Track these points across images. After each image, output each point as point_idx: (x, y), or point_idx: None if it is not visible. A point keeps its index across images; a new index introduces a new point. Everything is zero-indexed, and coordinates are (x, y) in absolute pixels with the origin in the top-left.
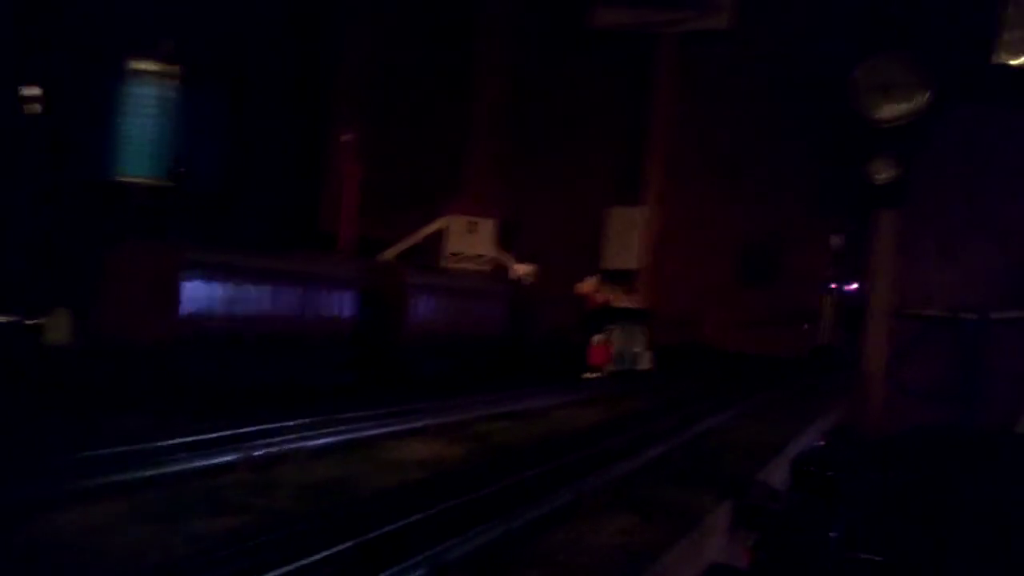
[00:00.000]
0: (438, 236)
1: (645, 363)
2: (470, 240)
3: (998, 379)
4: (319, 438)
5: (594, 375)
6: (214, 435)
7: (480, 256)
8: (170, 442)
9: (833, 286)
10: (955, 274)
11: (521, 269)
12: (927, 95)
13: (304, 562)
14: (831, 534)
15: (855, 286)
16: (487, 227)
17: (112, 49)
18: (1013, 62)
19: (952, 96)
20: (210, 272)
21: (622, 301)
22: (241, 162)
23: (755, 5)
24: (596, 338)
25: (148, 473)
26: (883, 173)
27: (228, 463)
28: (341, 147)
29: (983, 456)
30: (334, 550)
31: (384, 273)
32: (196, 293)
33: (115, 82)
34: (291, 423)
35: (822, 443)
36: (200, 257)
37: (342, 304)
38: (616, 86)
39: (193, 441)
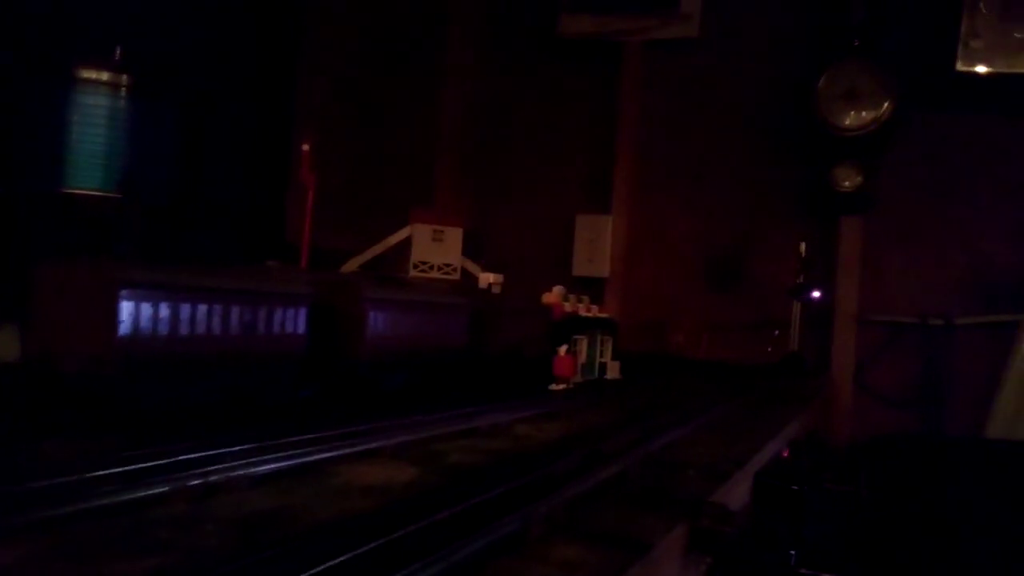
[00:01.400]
0: (404, 245)
1: (612, 373)
2: (436, 249)
3: (965, 384)
4: (261, 465)
5: (560, 386)
6: (147, 464)
7: (447, 265)
8: (99, 473)
9: (800, 293)
10: (921, 280)
11: (488, 278)
12: (890, 103)
13: None
14: (791, 552)
15: (818, 294)
16: (454, 236)
17: (60, 57)
18: (975, 70)
19: (916, 104)
20: (151, 291)
21: (589, 311)
22: (197, 173)
23: (721, 14)
24: (562, 349)
25: (73, 508)
26: (848, 181)
27: (160, 495)
28: (301, 157)
29: (951, 463)
30: None
31: (340, 288)
32: (135, 312)
33: (63, 91)
34: (232, 449)
35: (786, 454)
36: (140, 275)
37: (295, 322)
38: (583, 94)
39: (124, 472)
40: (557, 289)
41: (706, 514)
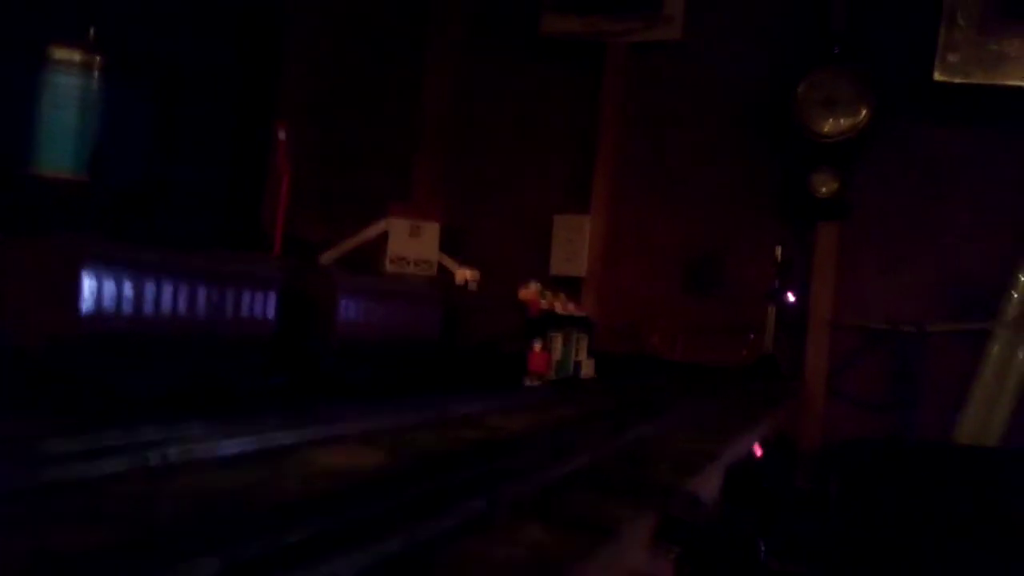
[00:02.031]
0: (380, 239)
1: (587, 371)
2: (413, 244)
3: (935, 390)
4: (225, 446)
5: (534, 382)
6: (106, 441)
7: (423, 260)
8: (52, 450)
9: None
10: (894, 287)
11: (465, 274)
12: (868, 111)
13: None
14: (760, 544)
15: (793, 297)
16: (431, 231)
17: (30, 36)
18: (953, 80)
19: (894, 112)
20: (114, 268)
21: (565, 308)
22: (170, 158)
23: (703, 18)
24: (537, 345)
25: (22, 484)
26: (825, 187)
27: (117, 473)
28: (276, 144)
29: (920, 466)
30: (196, 566)
31: (311, 274)
32: (98, 290)
33: (31, 71)
34: (195, 430)
35: (758, 452)
36: (103, 252)
37: (264, 306)
38: (565, 94)
39: (79, 450)
40: (533, 285)
41: (675, 503)
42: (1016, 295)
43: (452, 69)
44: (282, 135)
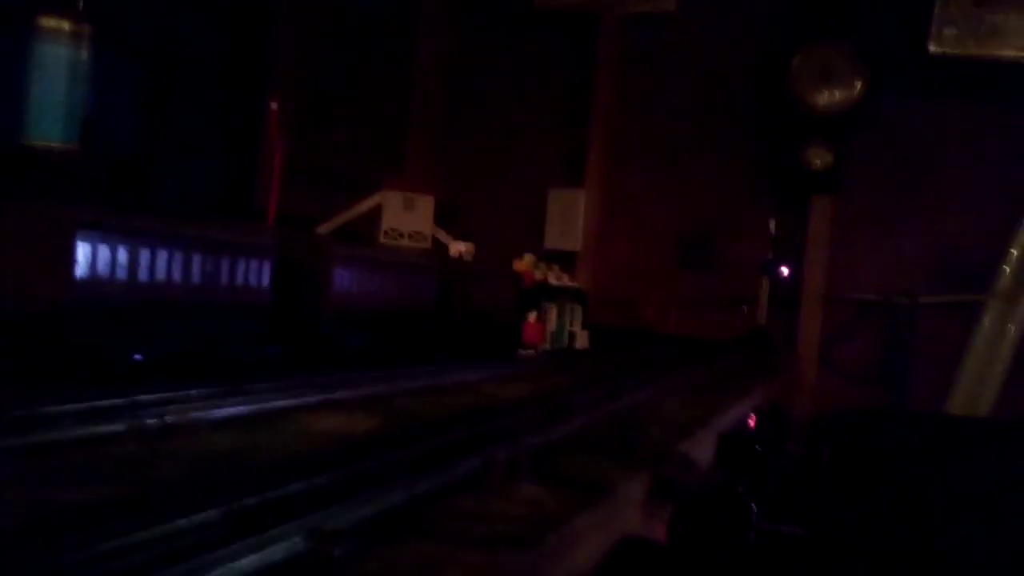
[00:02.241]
0: (374, 213)
1: (581, 342)
2: (407, 217)
3: (926, 362)
4: (222, 409)
5: (529, 353)
6: (103, 403)
7: (417, 233)
8: (50, 409)
9: (770, 270)
10: (887, 259)
11: (459, 247)
12: (863, 84)
13: (153, 532)
14: (752, 507)
15: (787, 271)
16: (425, 204)
17: (20, 5)
18: (948, 52)
19: (889, 85)
20: (108, 234)
21: (559, 279)
22: (162, 129)
23: None
24: (531, 316)
25: (20, 441)
26: (819, 160)
27: (116, 433)
28: (270, 117)
29: (909, 435)
30: (197, 518)
31: (305, 243)
32: (92, 256)
33: (22, 40)
34: (192, 392)
35: (751, 420)
36: (97, 218)
37: (259, 274)
38: (559, 68)
39: (78, 409)
40: (528, 257)
41: (669, 464)
42: (1007, 268)
43: (445, 43)
44: (274, 107)
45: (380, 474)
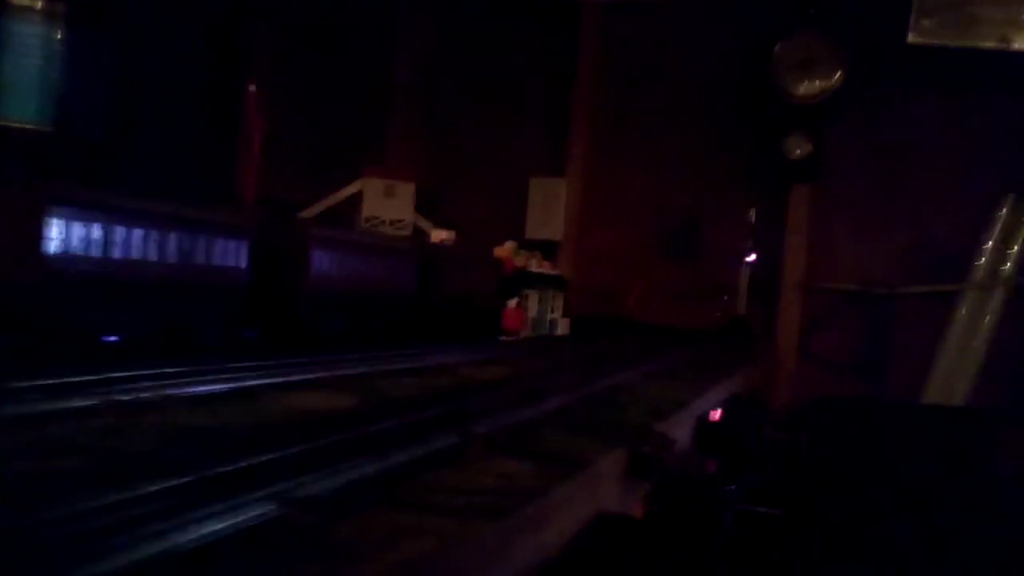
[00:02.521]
0: (355, 200)
1: (562, 329)
2: (388, 204)
3: (904, 351)
4: (198, 386)
5: (508, 339)
6: (75, 379)
7: (398, 221)
8: (19, 384)
9: (749, 259)
10: (865, 249)
11: (440, 235)
12: (842, 73)
13: (121, 496)
14: (729, 488)
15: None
16: (406, 191)
17: None
18: (927, 42)
19: (867, 75)
20: (79, 211)
21: (540, 267)
22: (139, 112)
23: None
24: (512, 302)
25: None
26: (799, 149)
27: (89, 407)
28: (248, 99)
29: (887, 424)
30: (166, 484)
31: (284, 224)
32: (63, 232)
33: None
34: (168, 370)
35: (730, 405)
36: (67, 194)
37: (237, 255)
38: (541, 55)
39: (49, 384)
40: (509, 244)
41: (646, 441)
42: (984, 258)
43: (425, 31)
44: (252, 89)
45: (354, 446)
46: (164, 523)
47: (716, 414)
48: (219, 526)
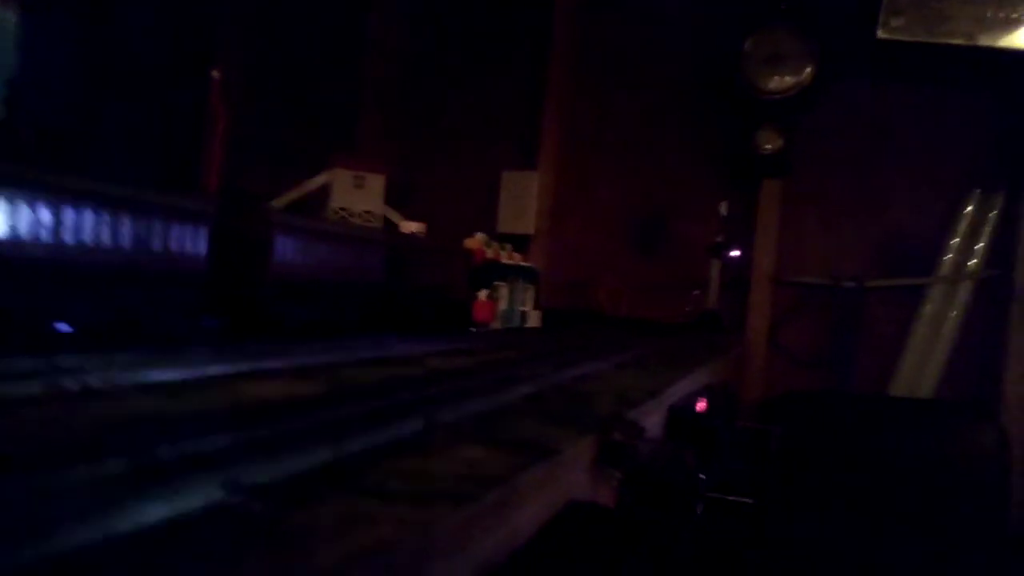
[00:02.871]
0: (324, 192)
1: (533, 322)
2: (357, 196)
3: (872, 344)
4: (149, 374)
5: (478, 331)
6: (17, 367)
7: (368, 213)
8: None
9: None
10: (834, 243)
11: (411, 227)
12: (813, 68)
13: (50, 482)
14: (701, 476)
15: (737, 253)
16: (375, 183)
17: None
18: (896, 38)
19: (837, 69)
20: (28, 192)
21: (511, 259)
22: (99, 99)
23: None
24: (482, 294)
25: None
26: (770, 144)
27: (29, 396)
28: (211, 86)
29: (855, 416)
30: (103, 468)
31: (245, 210)
32: (11, 215)
33: None
34: (117, 357)
35: (702, 397)
36: (16, 174)
37: (195, 241)
38: (514, 48)
39: None
40: (479, 235)
41: (617, 429)
42: (951, 252)
43: (398, 22)
44: (216, 75)
45: (310, 434)
46: (97, 511)
47: (688, 404)
48: (158, 512)
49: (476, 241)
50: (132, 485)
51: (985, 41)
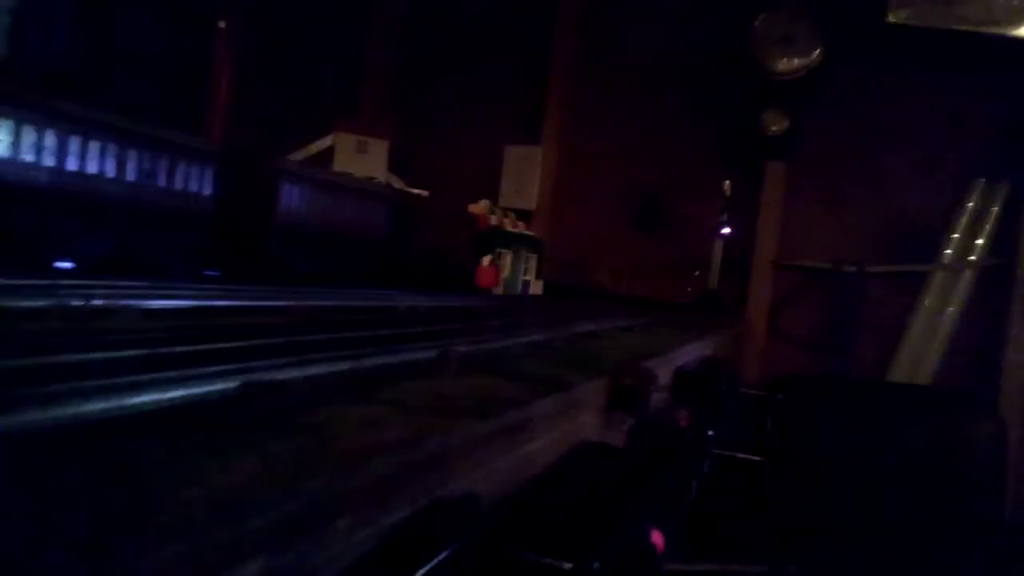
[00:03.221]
0: (326, 156)
1: (535, 291)
2: (360, 161)
3: (873, 329)
4: (154, 299)
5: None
6: (22, 282)
7: (370, 178)
8: None
9: (724, 231)
10: (836, 227)
11: (414, 193)
12: (821, 50)
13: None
14: (708, 432)
15: (727, 230)
16: (379, 148)
17: None
18: (905, 22)
19: (846, 52)
20: (32, 114)
21: (515, 226)
22: (103, 45)
23: None
24: (486, 260)
25: None
26: (776, 125)
27: (39, 309)
28: (216, 35)
29: (854, 400)
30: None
31: (252, 154)
32: (15, 136)
33: None
34: (123, 284)
35: (706, 361)
36: (20, 95)
37: (200, 181)
38: (519, 19)
39: None
40: (483, 202)
41: (629, 375)
42: (953, 239)
43: None
44: (222, 25)
45: (327, 345)
46: (120, 387)
47: (694, 367)
48: (176, 396)
49: (480, 207)
50: (140, 367)
51: (994, 29)
